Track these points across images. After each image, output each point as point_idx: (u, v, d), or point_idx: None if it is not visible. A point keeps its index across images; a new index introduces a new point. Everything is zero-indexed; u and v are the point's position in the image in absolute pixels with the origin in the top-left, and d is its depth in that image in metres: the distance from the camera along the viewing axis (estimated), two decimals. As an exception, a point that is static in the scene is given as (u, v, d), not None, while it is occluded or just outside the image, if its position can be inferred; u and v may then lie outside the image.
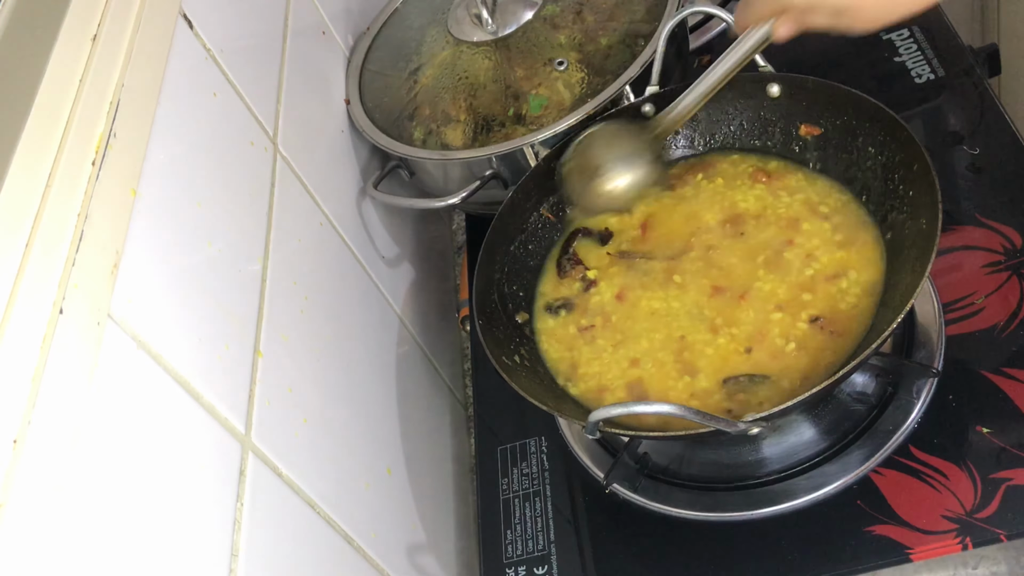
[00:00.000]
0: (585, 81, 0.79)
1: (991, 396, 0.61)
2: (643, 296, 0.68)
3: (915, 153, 0.59)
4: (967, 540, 0.55)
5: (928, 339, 0.65)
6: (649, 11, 0.82)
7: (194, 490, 0.44)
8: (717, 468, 0.65)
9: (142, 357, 0.43)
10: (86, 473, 0.37)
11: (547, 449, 0.73)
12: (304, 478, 0.55)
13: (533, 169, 0.75)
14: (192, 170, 0.53)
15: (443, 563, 0.74)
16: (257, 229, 0.60)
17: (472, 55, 0.84)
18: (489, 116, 0.81)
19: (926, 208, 0.57)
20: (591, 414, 0.51)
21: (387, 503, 0.67)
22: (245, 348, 0.53)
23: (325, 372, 0.64)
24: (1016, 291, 0.65)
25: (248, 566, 0.46)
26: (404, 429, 0.75)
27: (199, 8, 0.59)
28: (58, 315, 0.38)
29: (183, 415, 0.45)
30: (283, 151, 0.67)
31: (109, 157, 0.45)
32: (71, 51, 0.46)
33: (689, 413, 0.49)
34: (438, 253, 1.04)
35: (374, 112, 0.86)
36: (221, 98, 0.60)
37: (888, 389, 0.63)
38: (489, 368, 0.62)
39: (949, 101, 0.79)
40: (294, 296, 0.62)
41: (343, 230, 0.76)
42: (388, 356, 0.78)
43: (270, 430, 0.53)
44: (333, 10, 0.89)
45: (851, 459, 0.61)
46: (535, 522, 0.69)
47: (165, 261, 0.48)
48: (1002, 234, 0.68)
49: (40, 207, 0.40)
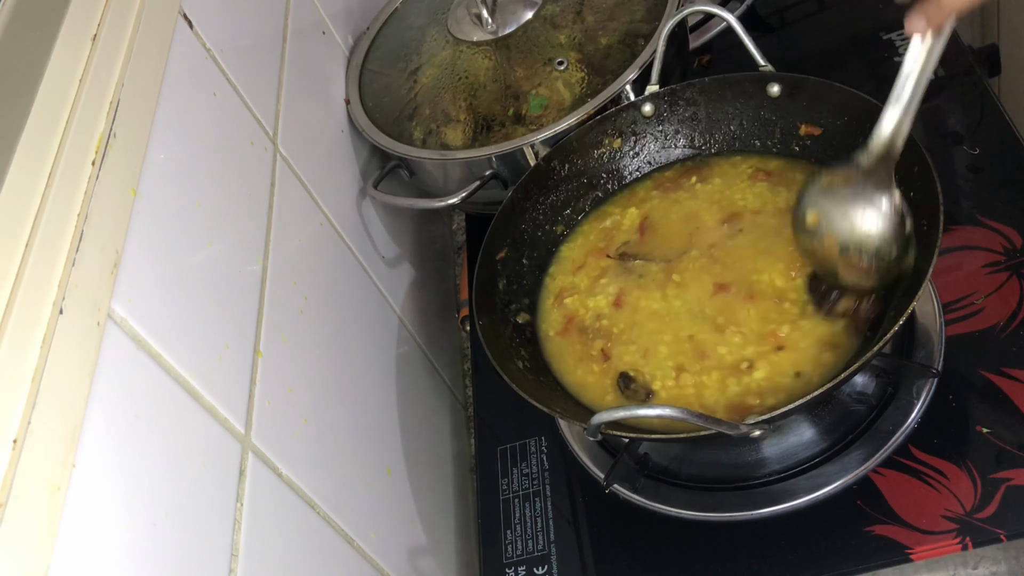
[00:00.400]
0: (585, 81, 0.79)
1: (991, 396, 0.61)
2: (642, 297, 0.68)
3: (915, 153, 0.59)
4: (967, 540, 0.55)
5: (928, 339, 0.65)
6: (649, 11, 0.82)
7: (194, 490, 0.44)
8: (717, 468, 0.65)
9: (142, 357, 0.43)
10: (86, 473, 0.37)
11: (547, 449, 0.73)
12: (304, 478, 0.55)
13: (533, 169, 0.75)
14: (192, 170, 0.53)
15: (443, 563, 0.74)
16: (257, 229, 0.60)
17: (472, 55, 0.84)
18: (489, 116, 0.81)
19: (927, 209, 0.57)
20: (593, 417, 0.51)
21: (387, 503, 0.67)
22: (245, 348, 0.53)
23: (325, 372, 0.64)
24: (1016, 291, 0.65)
25: (248, 566, 0.46)
26: (404, 429, 0.75)
27: (199, 8, 0.59)
28: (58, 315, 0.38)
29: (183, 415, 0.45)
30: (283, 151, 0.67)
31: (109, 157, 0.45)
32: (71, 51, 0.46)
33: (691, 416, 0.49)
34: (438, 253, 1.04)
35: (374, 112, 0.86)
36: (221, 98, 0.60)
37: (888, 389, 0.63)
38: (489, 368, 0.62)
39: (949, 101, 0.79)
40: (294, 296, 0.62)
41: (343, 230, 0.76)
42: (388, 356, 0.78)
43: (270, 430, 0.53)
44: (333, 10, 0.89)
45: (851, 459, 0.61)
46: (535, 522, 0.69)
47: (165, 261, 0.48)
48: (1002, 234, 0.68)
49: (40, 207, 0.40)
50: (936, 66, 0.54)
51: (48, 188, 0.41)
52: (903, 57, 0.55)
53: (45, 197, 0.40)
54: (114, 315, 0.42)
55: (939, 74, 0.80)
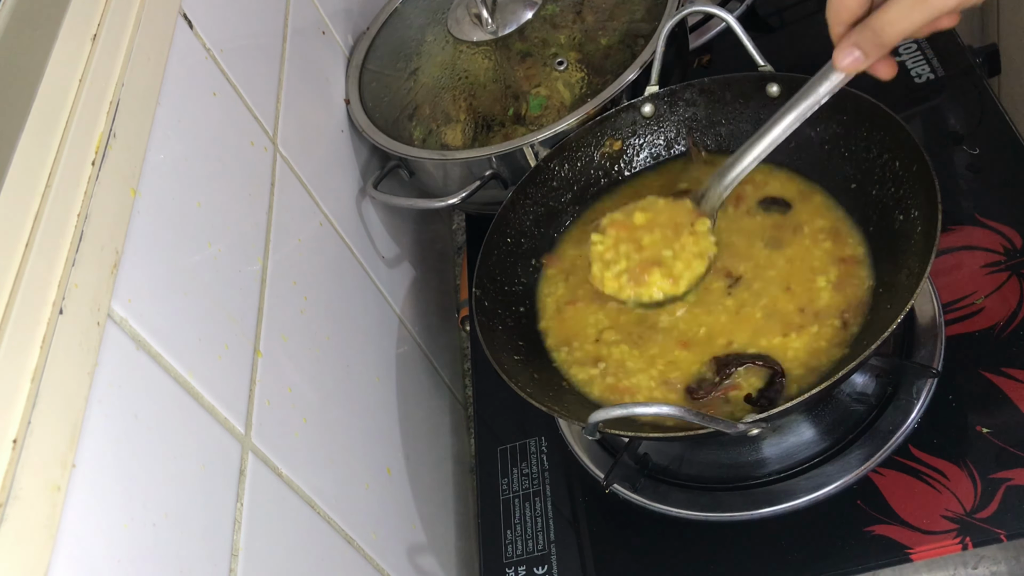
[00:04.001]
0: (585, 81, 0.79)
1: (991, 396, 0.61)
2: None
3: (915, 153, 0.59)
4: (967, 540, 0.55)
5: (928, 339, 0.65)
6: (649, 11, 0.82)
7: (194, 490, 0.44)
8: (717, 468, 0.65)
9: (142, 357, 0.43)
10: (86, 473, 0.37)
11: (547, 449, 0.73)
12: (304, 478, 0.55)
13: (533, 169, 0.75)
14: (192, 170, 0.53)
15: (443, 563, 0.74)
16: (257, 229, 0.60)
17: (472, 55, 0.84)
18: (489, 116, 0.81)
19: (926, 208, 0.57)
20: (591, 415, 0.51)
21: (387, 503, 0.67)
22: (245, 348, 0.53)
23: (325, 372, 0.64)
24: (1016, 291, 0.65)
25: (248, 566, 0.46)
26: (404, 429, 0.75)
27: (199, 8, 0.59)
28: (58, 315, 0.38)
29: (183, 415, 0.45)
30: (283, 151, 0.67)
31: (109, 157, 0.45)
32: (71, 51, 0.46)
33: (688, 414, 0.49)
34: (438, 253, 1.04)
35: (374, 112, 0.86)
36: (221, 98, 0.60)
37: (888, 389, 0.63)
38: (489, 368, 0.62)
39: (949, 101, 0.79)
40: (294, 296, 0.62)
41: (343, 230, 0.76)
42: (388, 356, 0.78)
43: (270, 430, 0.53)
44: (333, 10, 0.89)
45: (851, 459, 0.61)
46: (535, 522, 0.69)
47: (165, 261, 0.48)
48: (1002, 234, 0.68)
49: (40, 207, 0.40)
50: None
51: (48, 188, 0.41)
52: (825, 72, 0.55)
53: (45, 197, 0.40)
54: (114, 315, 0.42)
55: (939, 74, 0.80)
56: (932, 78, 0.80)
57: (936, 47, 0.82)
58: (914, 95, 0.80)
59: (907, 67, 0.82)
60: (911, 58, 0.82)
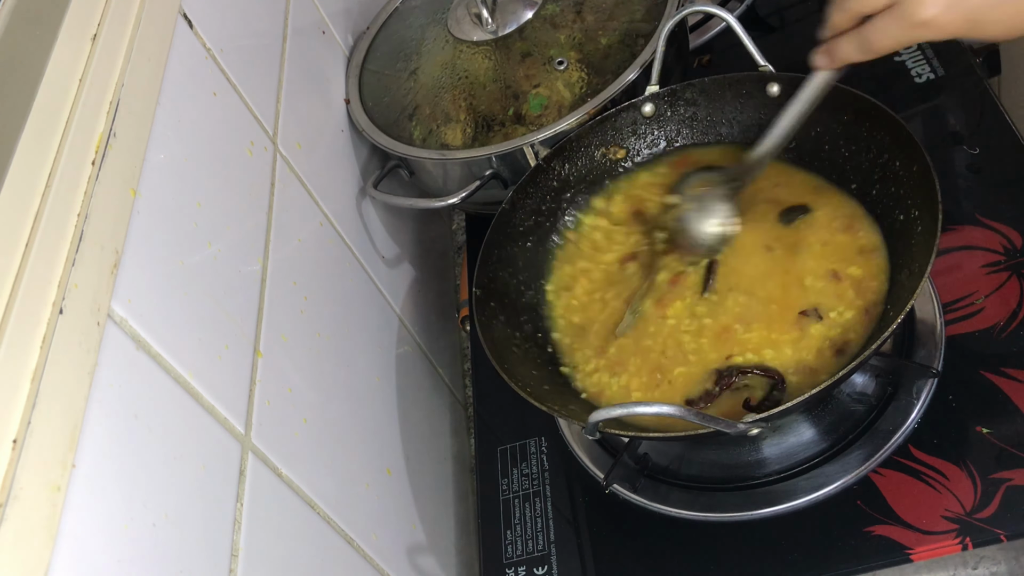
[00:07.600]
0: (585, 81, 0.79)
1: (991, 396, 0.61)
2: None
3: (915, 153, 0.59)
4: (967, 540, 0.55)
5: (928, 339, 0.65)
6: (649, 11, 0.82)
7: (194, 490, 0.44)
8: (717, 468, 0.65)
9: (142, 357, 0.43)
10: (86, 473, 0.37)
11: (547, 449, 0.73)
12: (304, 478, 0.55)
13: (533, 169, 0.75)
14: (192, 170, 0.53)
15: (443, 563, 0.74)
16: (257, 229, 0.60)
17: (472, 55, 0.84)
18: (489, 116, 0.81)
19: (926, 208, 0.57)
20: (591, 415, 0.51)
21: (387, 503, 0.67)
22: (245, 348, 0.53)
23: (325, 372, 0.64)
24: (1016, 291, 0.65)
25: (248, 566, 0.46)
26: (404, 429, 0.75)
27: (199, 8, 0.59)
28: (58, 315, 0.38)
29: (183, 415, 0.45)
30: (283, 151, 0.67)
31: (109, 157, 0.45)
32: (71, 51, 0.46)
33: (688, 414, 0.49)
34: (438, 253, 1.04)
35: (374, 112, 0.86)
36: (221, 98, 0.60)
37: (888, 389, 0.63)
38: (489, 368, 0.62)
39: (949, 101, 0.79)
40: (294, 296, 0.62)
41: (343, 230, 0.76)
42: (388, 356, 0.78)
43: (270, 430, 0.53)
44: (333, 10, 0.89)
45: (851, 459, 0.61)
46: (535, 522, 0.69)
47: (165, 261, 0.48)
48: (1002, 234, 0.68)
49: (40, 207, 0.40)
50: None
51: (48, 188, 0.41)
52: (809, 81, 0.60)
53: (45, 197, 0.40)
54: (114, 315, 0.42)
55: (939, 74, 0.80)
56: (932, 78, 0.80)
57: (936, 47, 0.82)
58: (914, 95, 0.80)
59: (907, 67, 0.82)
60: (911, 58, 0.82)
